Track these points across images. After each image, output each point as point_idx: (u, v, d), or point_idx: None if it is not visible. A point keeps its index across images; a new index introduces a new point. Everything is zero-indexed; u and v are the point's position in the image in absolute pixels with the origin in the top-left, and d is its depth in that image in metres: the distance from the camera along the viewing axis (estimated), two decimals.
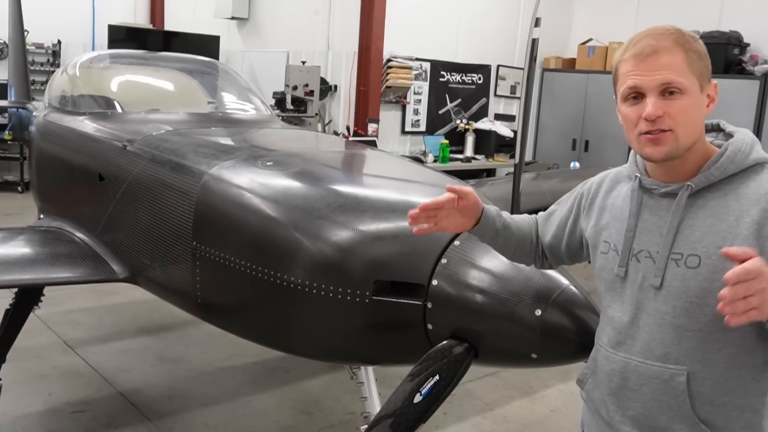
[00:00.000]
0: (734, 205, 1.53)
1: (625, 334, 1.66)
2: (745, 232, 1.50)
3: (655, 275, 1.59)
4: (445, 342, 2.14)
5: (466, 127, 9.34)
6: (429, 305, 2.18)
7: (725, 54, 8.10)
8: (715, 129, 1.70)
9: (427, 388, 2.04)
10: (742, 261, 1.27)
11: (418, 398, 2.04)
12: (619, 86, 1.61)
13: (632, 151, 1.74)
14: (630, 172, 1.73)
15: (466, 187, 1.77)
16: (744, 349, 1.54)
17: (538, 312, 2.03)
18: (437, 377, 2.05)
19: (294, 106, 8.56)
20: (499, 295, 2.09)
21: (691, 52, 1.55)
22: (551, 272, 2.11)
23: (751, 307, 1.26)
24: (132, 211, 3.34)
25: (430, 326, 2.19)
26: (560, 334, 2.04)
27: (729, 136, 1.65)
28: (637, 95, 1.57)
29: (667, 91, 1.53)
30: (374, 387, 3.20)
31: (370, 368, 3.18)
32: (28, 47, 8.78)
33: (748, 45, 8.42)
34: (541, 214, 2.02)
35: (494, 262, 2.14)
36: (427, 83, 9.12)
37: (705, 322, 1.53)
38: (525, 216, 2.03)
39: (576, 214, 1.88)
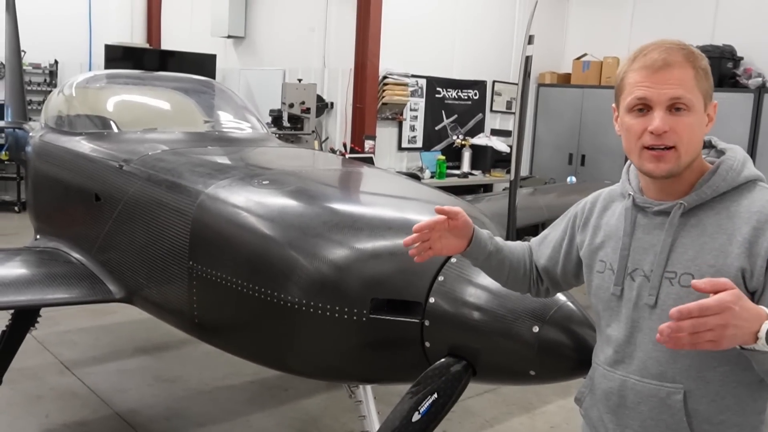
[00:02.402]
0: (726, 224, 1.53)
1: (622, 353, 1.66)
2: (737, 250, 1.50)
3: (650, 294, 1.58)
4: (443, 360, 2.13)
5: (463, 142, 9.36)
6: (426, 323, 2.18)
7: (719, 68, 8.14)
8: (707, 146, 1.70)
9: (426, 406, 2.03)
10: (716, 292, 1.26)
11: (416, 417, 2.03)
12: (625, 96, 1.59)
13: (624, 169, 1.73)
14: (623, 190, 1.73)
15: (455, 207, 1.76)
16: (740, 367, 1.54)
17: (536, 329, 2.03)
18: (436, 395, 2.05)
19: (291, 124, 8.57)
20: (497, 312, 2.09)
21: (699, 69, 1.54)
22: None
23: (705, 339, 1.26)
24: (128, 231, 3.33)
25: (427, 344, 2.19)
26: (558, 351, 2.04)
27: (721, 153, 1.65)
28: (643, 107, 1.55)
29: (675, 107, 1.52)
30: (373, 405, 3.19)
31: (368, 386, 3.16)
32: (24, 67, 8.81)
33: (741, 58, 8.47)
34: (533, 239, 2.00)
35: (491, 279, 2.14)
36: (423, 99, 9.15)
37: None
38: (518, 242, 2.01)
39: (571, 235, 1.86)
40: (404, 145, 9.13)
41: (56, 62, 10.63)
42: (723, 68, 8.28)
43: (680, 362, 1.56)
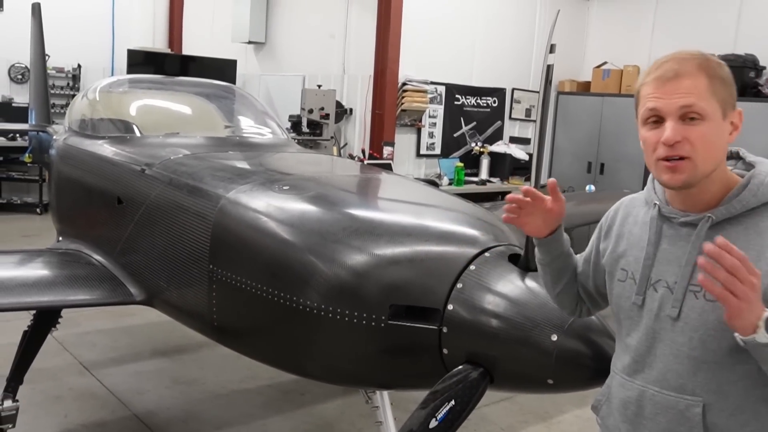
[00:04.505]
0: (755, 240, 1.52)
1: (642, 363, 1.65)
2: (766, 267, 1.48)
3: (673, 306, 1.57)
4: (460, 367, 2.13)
5: (481, 150, 9.34)
6: (444, 330, 2.18)
7: (741, 77, 8.06)
8: (734, 157, 1.68)
9: (443, 413, 2.04)
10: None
11: (433, 423, 2.03)
12: (640, 109, 1.59)
13: (650, 176, 1.72)
14: (648, 198, 1.72)
15: (560, 195, 1.74)
16: (760, 382, 1.52)
17: (554, 337, 2.02)
18: (453, 402, 2.05)
19: (309, 130, 8.61)
20: (515, 320, 2.09)
21: (715, 77, 1.53)
22: None
23: (735, 291, 1.34)
24: (149, 234, 3.37)
25: (445, 351, 2.19)
26: (576, 360, 2.03)
27: (749, 165, 1.63)
28: (657, 119, 1.54)
29: (688, 116, 1.51)
30: (389, 411, 3.19)
31: (385, 392, 3.16)
32: (48, 71, 8.93)
33: (764, 68, 8.39)
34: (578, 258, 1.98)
35: (510, 286, 2.14)
36: (442, 106, 9.15)
37: (722, 354, 1.52)
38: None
39: (596, 245, 1.85)
40: (423, 151, 9.13)
41: (79, 66, 10.77)
42: (745, 78, 8.21)
43: (700, 375, 1.55)
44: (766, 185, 1.56)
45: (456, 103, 9.29)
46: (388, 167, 7.70)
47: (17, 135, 9.45)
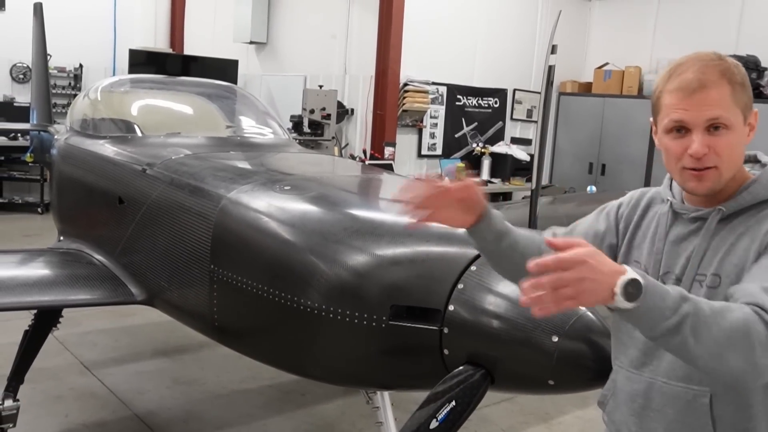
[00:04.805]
0: (754, 226, 1.53)
1: (651, 355, 1.64)
2: (753, 255, 1.49)
3: None
4: (461, 367, 2.13)
5: (483, 150, 9.35)
6: (445, 330, 2.18)
7: None
8: (752, 160, 1.68)
9: (444, 413, 2.04)
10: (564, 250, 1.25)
11: (434, 424, 2.03)
12: (662, 118, 1.57)
13: (668, 176, 1.70)
14: (663, 195, 1.71)
15: (467, 180, 1.64)
16: None
17: (555, 338, 2.02)
18: (453, 403, 2.05)
19: (311, 130, 8.62)
20: (516, 320, 2.09)
21: (736, 84, 1.52)
22: None
23: (565, 296, 1.24)
24: (151, 234, 3.37)
25: (446, 351, 2.19)
26: (577, 361, 2.03)
27: (765, 166, 1.63)
28: (681, 128, 1.53)
29: (713, 126, 1.50)
30: (390, 412, 3.19)
31: (386, 393, 3.16)
32: (50, 71, 8.94)
33: (766, 69, 8.39)
34: (557, 229, 1.87)
35: (511, 287, 2.14)
36: (444, 107, 9.16)
37: None
38: (534, 231, 1.90)
39: (608, 223, 1.79)
40: (424, 152, 9.14)
41: (81, 66, 10.78)
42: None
43: None
44: None
45: (457, 103, 9.30)
46: (389, 168, 7.70)
47: (19, 134, 9.46)
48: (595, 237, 1.79)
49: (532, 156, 8.54)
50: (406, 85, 8.57)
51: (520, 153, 9.41)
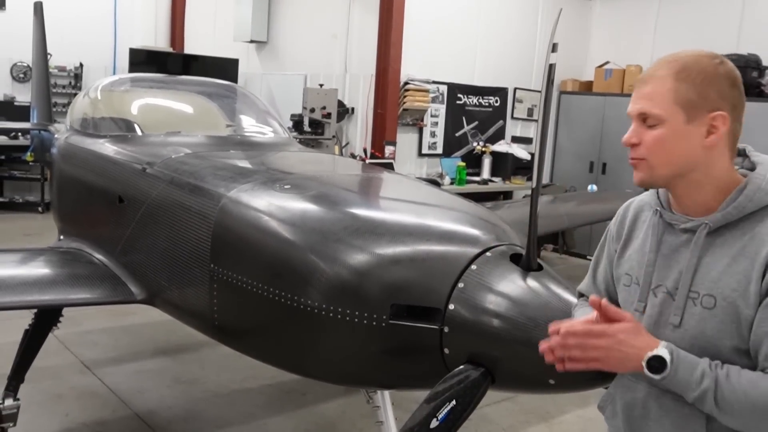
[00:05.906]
0: (750, 246, 1.51)
1: None
2: (756, 275, 1.47)
3: (675, 314, 1.57)
4: (461, 366, 2.12)
5: (483, 149, 9.33)
6: (446, 329, 2.17)
7: (744, 77, 7.99)
8: (741, 154, 1.67)
9: (444, 413, 2.03)
10: (606, 315, 1.47)
11: (434, 423, 2.02)
12: None
13: None
14: (652, 202, 1.72)
15: (624, 313, 1.52)
16: None
17: None
18: (454, 402, 2.04)
19: (311, 129, 8.61)
20: (516, 319, 2.08)
21: (684, 81, 1.52)
22: (569, 296, 2.09)
23: (592, 357, 1.45)
24: (151, 233, 3.36)
25: (446, 351, 2.18)
26: None
27: (752, 164, 1.62)
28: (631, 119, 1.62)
29: (645, 120, 1.57)
30: (390, 411, 3.19)
31: (386, 392, 3.16)
32: (50, 70, 8.94)
33: (767, 68, 8.37)
34: (580, 287, 1.95)
35: (511, 286, 2.14)
36: (444, 106, 9.15)
37: (722, 360, 1.50)
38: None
39: (608, 256, 1.84)
40: (424, 151, 9.13)
41: (81, 65, 10.78)
42: (748, 77, 8.19)
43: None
44: (763, 189, 1.54)
45: (458, 102, 9.28)
46: (389, 166, 7.69)
47: (19, 134, 9.46)
48: (607, 267, 1.86)
49: (532, 155, 8.53)
50: (406, 83, 8.55)
51: (520, 152, 9.40)
